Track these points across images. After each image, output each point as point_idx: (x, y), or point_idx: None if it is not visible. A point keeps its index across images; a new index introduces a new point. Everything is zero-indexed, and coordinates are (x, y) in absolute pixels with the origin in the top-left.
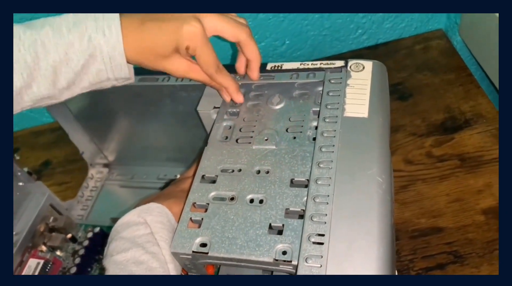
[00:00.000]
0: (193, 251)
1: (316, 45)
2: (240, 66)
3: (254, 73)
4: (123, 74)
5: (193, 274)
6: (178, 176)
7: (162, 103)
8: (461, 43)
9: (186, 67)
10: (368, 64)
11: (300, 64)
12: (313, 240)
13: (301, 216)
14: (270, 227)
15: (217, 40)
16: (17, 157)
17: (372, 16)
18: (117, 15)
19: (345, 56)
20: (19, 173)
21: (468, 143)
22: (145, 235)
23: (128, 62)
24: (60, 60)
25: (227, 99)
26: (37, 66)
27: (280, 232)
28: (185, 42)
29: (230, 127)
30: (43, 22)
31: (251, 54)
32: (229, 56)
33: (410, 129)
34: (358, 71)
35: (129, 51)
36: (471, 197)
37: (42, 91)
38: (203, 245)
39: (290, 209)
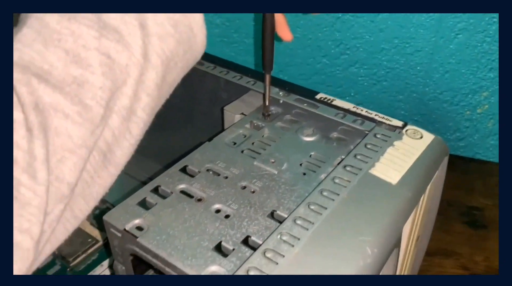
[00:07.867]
0: (124, 229)
1: None
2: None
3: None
4: None
5: (120, 273)
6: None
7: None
8: None
9: None
10: (428, 137)
11: (353, 107)
12: (250, 273)
13: (255, 249)
14: (219, 245)
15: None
16: None
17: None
18: None
19: None
20: None
21: None
22: None
23: None
24: None
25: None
26: None
27: (226, 255)
28: None
29: (245, 136)
30: None
31: None
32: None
33: (464, 262)
34: (412, 138)
35: None
36: None
37: None
38: (139, 228)
39: (252, 238)
